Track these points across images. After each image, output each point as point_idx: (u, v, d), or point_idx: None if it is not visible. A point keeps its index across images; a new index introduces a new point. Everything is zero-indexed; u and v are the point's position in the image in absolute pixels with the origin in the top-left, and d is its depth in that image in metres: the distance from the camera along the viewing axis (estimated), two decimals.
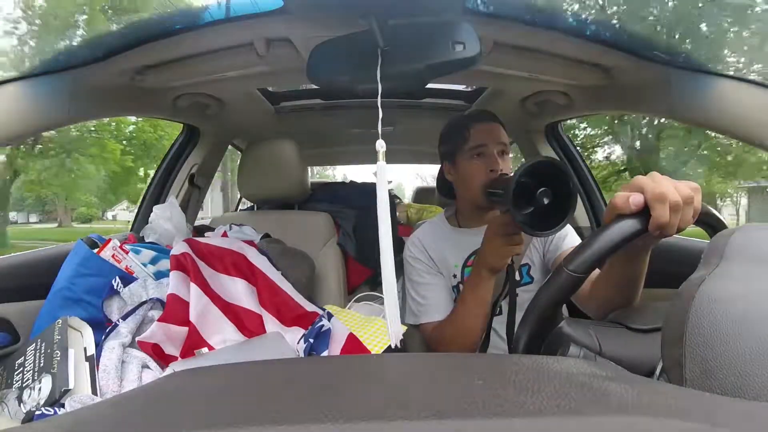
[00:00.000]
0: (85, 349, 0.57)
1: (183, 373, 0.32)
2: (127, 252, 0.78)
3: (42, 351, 0.56)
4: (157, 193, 1.33)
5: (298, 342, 0.72)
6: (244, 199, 2.08)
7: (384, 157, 0.52)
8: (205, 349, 0.67)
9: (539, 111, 1.17)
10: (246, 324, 0.74)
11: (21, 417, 0.49)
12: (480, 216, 0.89)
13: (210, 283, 0.74)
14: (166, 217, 0.98)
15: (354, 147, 1.87)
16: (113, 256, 0.75)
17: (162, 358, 0.63)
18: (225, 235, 1.00)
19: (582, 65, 0.84)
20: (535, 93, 1.07)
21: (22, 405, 0.51)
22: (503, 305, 0.83)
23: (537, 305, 0.41)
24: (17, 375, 0.55)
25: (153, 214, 1.00)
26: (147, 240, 0.94)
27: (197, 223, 1.29)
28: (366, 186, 1.53)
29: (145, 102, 0.97)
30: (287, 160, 1.15)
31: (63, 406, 0.50)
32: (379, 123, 0.54)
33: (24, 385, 0.53)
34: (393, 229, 1.45)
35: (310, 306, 0.82)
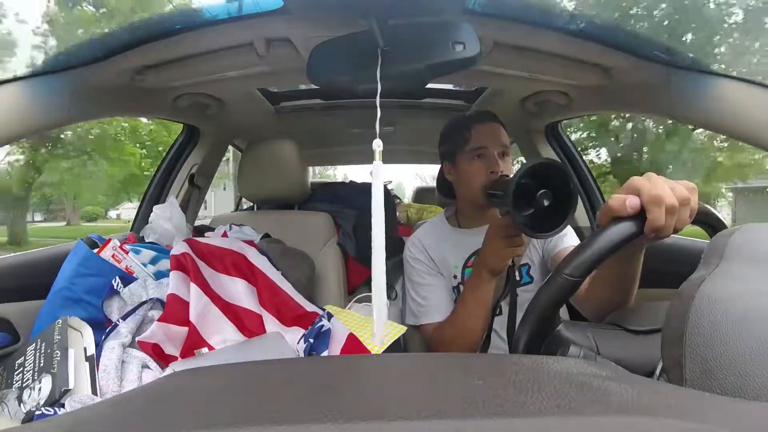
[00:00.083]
0: (85, 349, 0.57)
1: (183, 373, 0.32)
2: (127, 252, 0.77)
3: (42, 351, 0.56)
4: (157, 193, 1.33)
5: (298, 342, 0.72)
6: (244, 199, 2.08)
7: (380, 157, 0.52)
8: (205, 349, 0.67)
9: (539, 111, 1.17)
10: (246, 324, 0.74)
11: (21, 417, 0.49)
12: (480, 216, 0.89)
13: (210, 283, 0.74)
14: (166, 217, 0.98)
15: (354, 147, 1.87)
16: (113, 256, 0.75)
17: (162, 358, 0.63)
18: (225, 235, 1.00)
19: (582, 65, 0.84)
20: (535, 93, 1.07)
21: (22, 405, 0.51)
22: (503, 305, 0.83)
23: (535, 309, 0.41)
24: (17, 375, 0.55)
25: (153, 214, 1.00)
26: (147, 240, 0.94)
27: (198, 223, 1.29)
28: (366, 186, 1.53)
29: (145, 102, 0.97)
30: (287, 160, 1.15)
31: (63, 406, 0.50)
32: (377, 122, 0.54)
33: (24, 385, 0.53)
34: (393, 229, 1.45)
35: (310, 306, 0.82)
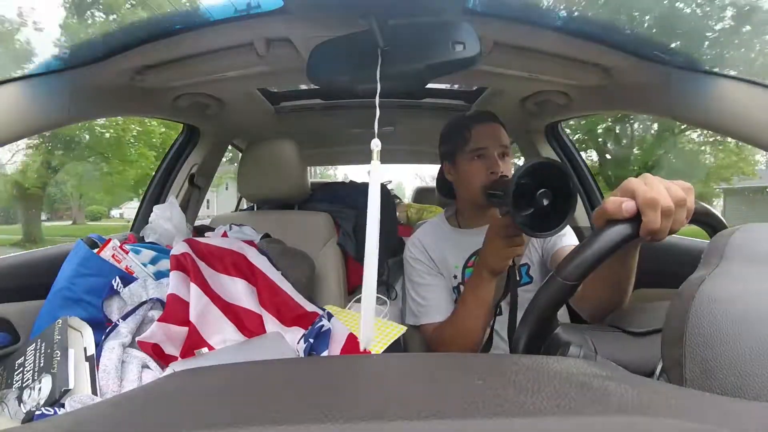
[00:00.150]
0: (85, 349, 0.57)
1: (183, 373, 0.32)
2: (127, 252, 0.77)
3: (42, 351, 0.56)
4: (157, 193, 1.33)
5: (298, 342, 0.72)
6: (244, 199, 2.08)
7: (378, 157, 0.52)
8: (205, 349, 0.67)
9: (539, 111, 1.17)
10: (246, 324, 0.74)
11: (21, 417, 0.49)
12: (480, 216, 0.89)
13: (210, 283, 0.74)
14: (166, 217, 0.98)
15: (354, 147, 1.87)
16: (113, 256, 0.75)
17: (162, 358, 0.63)
18: (225, 235, 1.00)
19: (582, 65, 0.84)
20: (535, 93, 1.07)
21: (22, 405, 0.51)
22: (503, 305, 0.83)
23: (533, 311, 0.41)
24: (17, 375, 0.55)
25: (153, 214, 1.00)
26: (147, 240, 0.94)
27: (198, 223, 1.29)
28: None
29: (145, 102, 0.97)
30: (287, 160, 1.15)
31: (63, 406, 0.50)
32: (376, 122, 0.54)
33: (24, 385, 0.53)
34: (393, 229, 1.45)
35: (310, 306, 0.82)
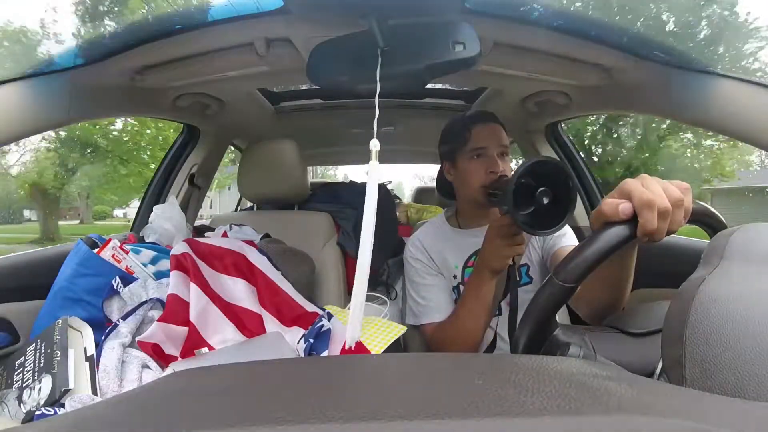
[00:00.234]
0: (85, 349, 0.57)
1: (183, 373, 0.32)
2: (127, 252, 0.77)
3: (42, 351, 0.56)
4: (157, 193, 1.33)
5: (298, 342, 0.72)
6: (244, 199, 2.08)
7: (377, 157, 0.52)
8: (205, 349, 0.67)
9: (539, 111, 1.17)
10: (246, 324, 0.74)
11: (21, 417, 0.49)
12: (480, 216, 0.89)
13: (210, 283, 0.74)
14: (166, 217, 0.98)
15: (354, 147, 1.87)
16: (113, 256, 0.75)
17: (162, 358, 0.63)
18: (225, 235, 1.00)
19: (582, 65, 0.84)
20: (535, 93, 1.07)
21: (22, 405, 0.51)
22: (503, 306, 0.83)
23: (532, 313, 0.41)
24: (17, 375, 0.55)
25: (153, 214, 1.00)
26: (147, 240, 0.94)
27: (198, 223, 1.29)
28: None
29: (145, 102, 0.97)
30: (287, 160, 1.15)
31: (63, 406, 0.50)
32: (375, 122, 0.54)
33: (24, 385, 0.53)
34: (393, 229, 1.45)
35: (310, 306, 0.82)
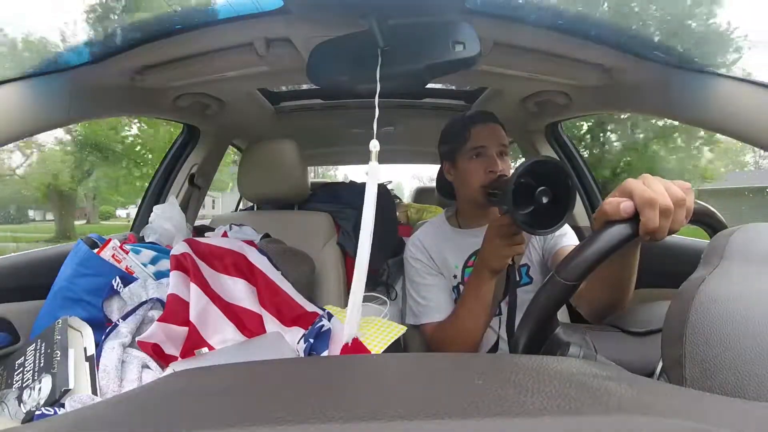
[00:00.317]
0: (85, 349, 0.57)
1: (183, 373, 0.32)
2: (127, 252, 0.77)
3: (42, 351, 0.56)
4: (157, 193, 1.33)
5: (298, 342, 0.72)
6: (244, 199, 2.08)
7: (376, 158, 0.52)
8: (205, 349, 0.67)
9: (539, 111, 1.17)
10: (246, 324, 0.74)
11: (21, 417, 0.49)
12: (480, 216, 0.89)
13: (210, 283, 0.74)
14: (166, 217, 0.98)
15: (354, 147, 1.87)
16: (113, 256, 0.75)
17: (162, 358, 0.63)
18: (225, 235, 1.00)
19: (582, 65, 0.84)
20: (535, 93, 1.07)
21: (22, 405, 0.51)
22: (503, 306, 0.83)
23: (533, 312, 0.41)
24: (17, 375, 0.55)
25: (153, 214, 1.00)
26: (147, 240, 0.94)
27: (198, 223, 1.29)
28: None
29: (145, 102, 0.97)
30: (287, 160, 1.15)
31: (63, 406, 0.50)
32: (375, 123, 0.54)
33: (24, 385, 0.53)
34: (393, 229, 1.45)
35: (310, 306, 0.82)
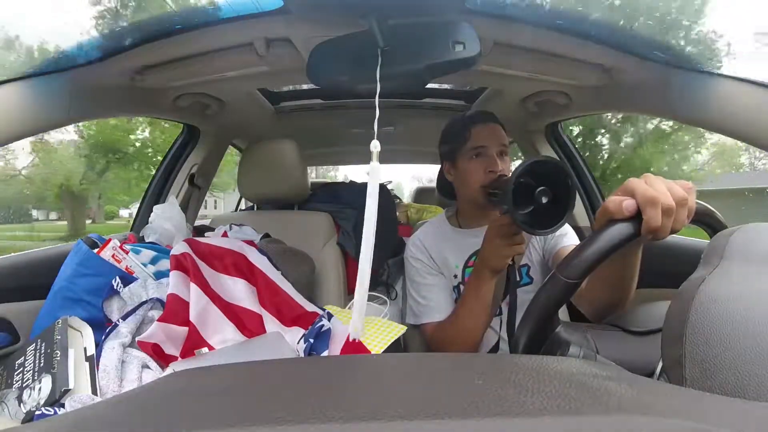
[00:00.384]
0: (85, 349, 0.57)
1: (183, 373, 0.32)
2: (127, 252, 0.77)
3: (42, 351, 0.56)
4: (157, 193, 1.33)
5: (298, 342, 0.72)
6: (244, 199, 2.08)
7: (377, 158, 0.52)
8: (205, 349, 0.67)
9: (539, 111, 1.17)
10: (246, 324, 0.74)
11: (21, 417, 0.49)
12: (480, 216, 0.89)
13: (210, 283, 0.74)
14: (166, 217, 0.98)
15: (354, 147, 1.87)
16: (113, 256, 0.75)
17: (162, 358, 0.63)
18: (225, 235, 1.00)
19: (582, 65, 0.84)
20: (535, 93, 1.07)
21: (22, 405, 0.51)
22: (503, 306, 0.83)
23: (533, 310, 0.41)
24: (17, 375, 0.55)
25: (153, 214, 1.00)
26: (147, 240, 0.94)
27: (198, 223, 1.29)
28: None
29: (145, 102, 0.97)
30: (287, 160, 1.15)
31: (63, 406, 0.50)
32: (376, 123, 0.54)
33: (24, 385, 0.53)
34: (393, 229, 1.45)
35: (310, 306, 0.82)
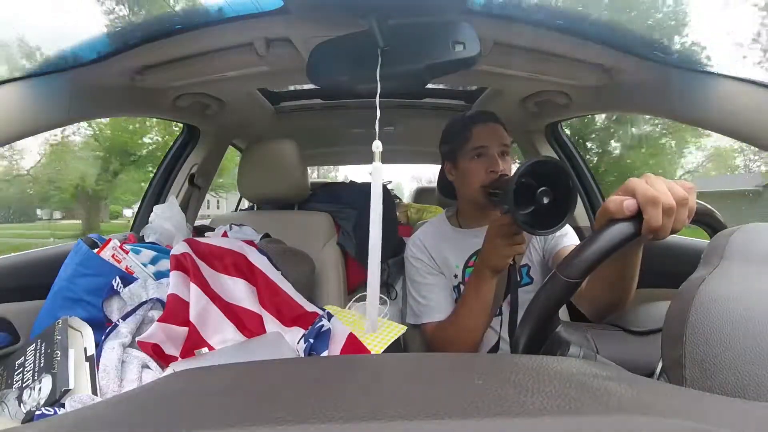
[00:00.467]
0: (85, 349, 0.57)
1: (183, 373, 0.32)
2: (127, 252, 0.77)
3: (42, 351, 0.56)
4: (157, 193, 1.33)
5: (298, 342, 0.72)
6: (244, 199, 2.08)
7: (380, 159, 0.52)
8: (205, 349, 0.67)
9: (539, 111, 1.17)
10: (246, 324, 0.74)
11: (21, 417, 0.49)
12: (481, 216, 0.89)
13: (210, 283, 0.74)
14: (166, 217, 0.98)
15: (354, 147, 1.87)
16: (113, 256, 0.75)
17: (162, 358, 0.63)
18: (225, 235, 1.00)
19: (582, 65, 0.84)
20: (535, 93, 1.07)
21: (22, 405, 0.51)
22: (503, 306, 0.83)
23: (534, 310, 0.41)
24: (17, 375, 0.55)
25: (153, 214, 1.00)
26: (147, 240, 0.94)
27: (198, 223, 1.29)
28: (366, 186, 1.52)
29: (145, 102, 0.97)
30: (287, 160, 1.15)
31: (63, 406, 0.50)
32: (377, 123, 0.54)
33: (24, 385, 0.53)
34: (393, 229, 1.45)
35: (310, 306, 0.82)
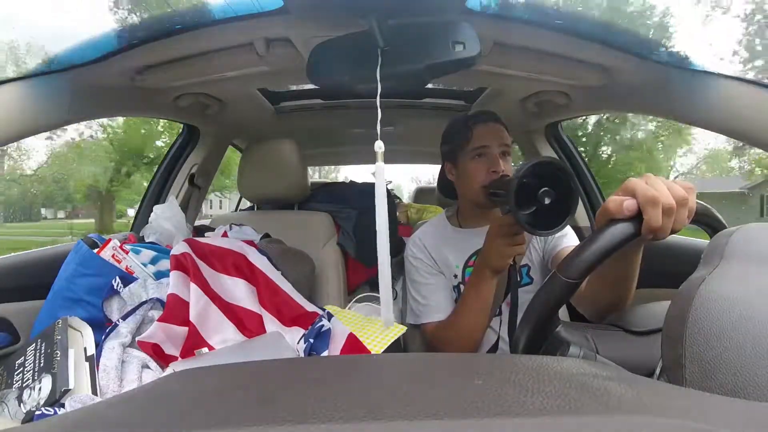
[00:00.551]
0: (85, 349, 0.57)
1: (183, 373, 0.32)
2: (127, 252, 0.77)
3: (42, 351, 0.56)
4: (157, 193, 1.33)
5: (298, 342, 0.72)
6: (244, 199, 2.08)
7: (382, 159, 0.52)
8: (205, 349, 0.67)
9: (539, 111, 1.17)
10: (246, 324, 0.74)
11: (21, 417, 0.49)
12: (481, 216, 0.89)
13: (210, 283, 0.74)
14: (166, 217, 0.98)
15: (354, 147, 1.87)
16: (113, 256, 0.75)
17: (162, 358, 0.63)
18: (225, 235, 1.00)
19: (582, 65, 0.84)
20: (535, 93, 1.06)
21: (22, 405, 0.51)
22: (503, 306, 0.83)
23: (534, 310, 0.41)
24: (17, 375, 0.55)
25: (153, 214, 1.00)
26: (147, 240, 0.94)
27: (198, 223, 1.30)
28: (366, 186, 1.53)
29: (145, 102, 0.97)
30: (287, 160, 1.15)
31: (63, 406, 0.50)
32: (378, 123, 0.54)
33: (24, 385, 0.53)
34: (393, 229, 1.45)
35: (310, 306, 0.82)
